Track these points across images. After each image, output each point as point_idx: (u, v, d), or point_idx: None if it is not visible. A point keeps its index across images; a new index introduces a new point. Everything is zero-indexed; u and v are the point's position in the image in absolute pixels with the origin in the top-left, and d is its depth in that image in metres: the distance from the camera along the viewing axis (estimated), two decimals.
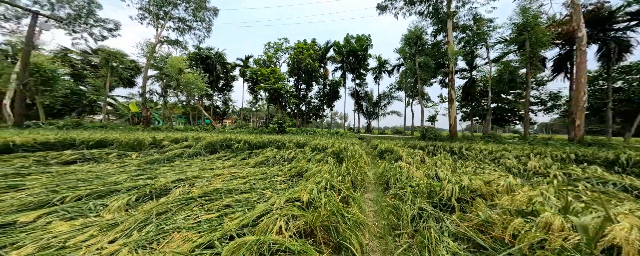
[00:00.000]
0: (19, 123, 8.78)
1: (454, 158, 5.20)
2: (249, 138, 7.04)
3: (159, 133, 6.87)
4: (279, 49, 20.96)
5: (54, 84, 12.34)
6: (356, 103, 26.06)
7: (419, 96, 16.19)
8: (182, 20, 15.53)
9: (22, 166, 2.38)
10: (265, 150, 6.04)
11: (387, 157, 5.39)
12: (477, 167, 3.88)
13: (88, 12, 14.51)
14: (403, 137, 14.59)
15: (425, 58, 14.14)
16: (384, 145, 6.92)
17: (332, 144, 6.51)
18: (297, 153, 5.60)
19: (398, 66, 24.39)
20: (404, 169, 3.44)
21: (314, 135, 11.83)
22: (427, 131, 9.97)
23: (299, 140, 7.41)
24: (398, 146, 7.01)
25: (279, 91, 14.56)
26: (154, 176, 2.51)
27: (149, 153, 4.49)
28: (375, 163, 5.29)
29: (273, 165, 4.39)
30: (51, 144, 3.57)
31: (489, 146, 5.94)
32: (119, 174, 2.45)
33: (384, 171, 3.48)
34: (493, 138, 8.68)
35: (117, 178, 2.23)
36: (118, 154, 3.80)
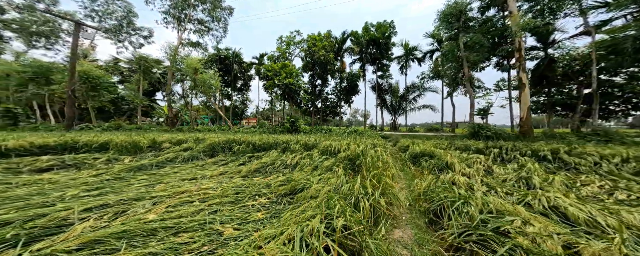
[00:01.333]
0: (69, 126, 10.55)
1: (545, 167, 3.46)
2: (254, 139, 6.53)
3: (162, 135, 6.99)
4: (290, 43, 20.53)
5: (100, 90, 14.61)
6: (378, 97, 23.77)
7: (466, 83, 13.33)
8: (201, 22, 16.66)
9: None
10: (269, 153, 5.39)
11: (424, 163, 4.06)
12: (613, 187, 2.30)
13: (128, 22, 16.82)
14: (442, 135, 12.14)
15: (474, 36, 11.41)
16: (419, 147, 5.40)
17: (346, 146, 5.42)
18: (303, 157, 4.76)
19: (431, 52, 21.12)
20: (460, 184, 2.23)
21: (329, 135, 10.93)
22: (481, 128, 7.80)
23: (308, 141, 6.57)
24: (440, 148, 5.46)
25: (291, 87, 14.08)
26: (109, 191, 2.00)
27: (145, 157, 4.32)
28: (407, 172, 4.03)
29: (270, 173, 3.66)
30: (51, 148, 3.64)
31: (614, 150, 3.73)
32: (70, 188, 1.99)
33: (427, 189, 2.34)
34: (606, 136, 6.00)
35: (47, 197, 1.74)
36: (108, 159, 3.61)
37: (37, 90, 14.75)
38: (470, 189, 2.20)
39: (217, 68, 18.55)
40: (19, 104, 14.18)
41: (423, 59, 22.34)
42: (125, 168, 3.24)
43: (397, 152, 6.50)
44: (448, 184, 2.30)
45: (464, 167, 3.08)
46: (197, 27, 16.21)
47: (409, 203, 2.37)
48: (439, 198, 1.94)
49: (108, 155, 3.79)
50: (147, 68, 17.98)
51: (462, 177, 2.45)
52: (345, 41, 22.02)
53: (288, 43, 20.51)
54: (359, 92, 21.37)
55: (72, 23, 14.75)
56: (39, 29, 17.59)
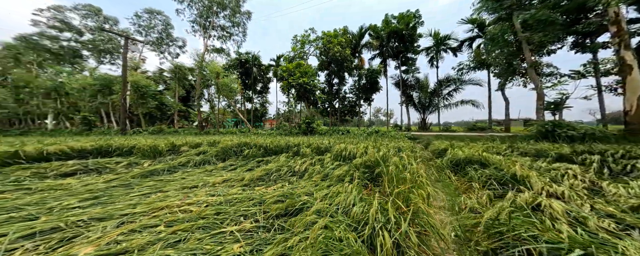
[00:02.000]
0: (122, 130, 12.65)
1: None
2: (266, 142, 6.43)
3: (186, 138, 7.51)
4: (305, 42, 20.47)
5: (147, 98, 17.24)
6: (403, 94, 21.69)
7: (528, 71, 10.65)
8: (223, 28, 18.16)
9: (16, 179, 2.49)
10: (279, 157, 5.16)
11: (472, 174, 3.04)
12: None
13: (167, 34, 19.54)
14: (493, 135, 9.84)
15: (538, 12, 8.99)
16: (462, 151, 4.23)
17: (363, 150, 4.77)
18: (313, 162, 4.35)
19: (470, 40, 18.15)
20: (555, 212, 1.34)
21: (346, 136, 10.29)
22: (558, 126, 5.89)
23: (320, 144, 6.14)
24: (495, 153, 4.16)
25: (306, 87, 13.92)
26: (102, 201, 1.98)
27: (163, 160, 4.60)
28: (447, 185, 3.09)
29: (274, 182, 3.37)
30: (88, 152, 4.14)
31: None
32: (72, 197, 2.03)
33: (496, 221, 1.53)
34: None
35: (41, 207, 1.76)
36: (129, 163, 3.89)
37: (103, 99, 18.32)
38: (576, 222, 1.36)
39: (239, 72, 19.86)
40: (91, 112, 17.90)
41: (459, 48, 19.41)
42: (139, 173, 3.38)
43: (429, 157, 5.49)
44: (526, 209, 1.51)
45: (548, 182, 2.14)
46: (220, 34, 17.77)
47: (455, 233, 1.64)
48: (515, 232, 1.23)
49: (130, 159, 4.09)
50: (182, 76, 20.48)
51: (553, 201, 1.61)
52: (363, 36, 20.86)
53: (302, 42, 20.51)
54: (379, 90, 19.93)
55: (131, 40, 17.86)
56: (105, 46, 21.97)
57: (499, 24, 11.14)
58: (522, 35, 10.15)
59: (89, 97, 18.04)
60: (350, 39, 19.50)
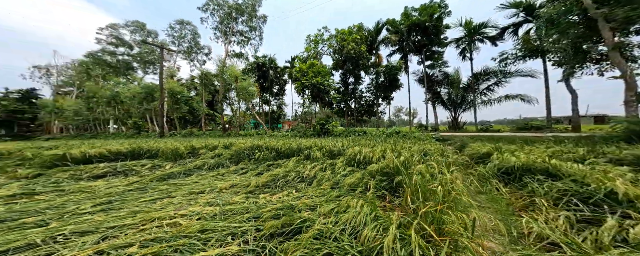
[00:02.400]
0: (161, 134, 14.38)
1: None
2: (278, 145, 6.39)
3: (207, 140, 7.96)
4: (318, 41, 20.21)
5: (180, 103, 19.39)
6: (429, 91, 19.61)
7: (610, 55, 8.23)
8: (241, 33, 19.35)
9: (56, 181, 2.83)
10: (289, 161, 5.02)
11: (535, 187, 2.26)
12: None
13: (195, 43, 21.77)
14: (555, 136, 7.73)
15: None
16: (514, 156, 3.19)
17: (381, 154, 4.29)
18: (324, 167, 4.07)
19: (515, 26, 15.28)
20: None
21: (362, 137, 9.69)
22: None
23: (333, 146, 5.81)
24: (566, 159, 3.02)
25: (319, 87, 13.66)
26: (111, 207, 2.06)
27: (183, 163, 4.90)
28: (496, 200, 2.39)
29: (281, 188, 3.19)
30: (123, 154, 4.66)
31: None
32: (89, 201, 2.16)
33: None
34: None
35: (60, 211, 1.87)
36: (153, 165, 4.19)
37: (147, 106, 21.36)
38: None
39: (256, 75, 20.84)
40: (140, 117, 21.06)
41: (500, 36, 16.54)
42: (157, 176, 3.58)
43: (466, 163, 4.64)
44: None
45: None
46: (239, 39, 19.02)
47: None
48: None
49: (154, 162, 4.41)
50: (208, 81, 22.51)
51: None
52: (379, 32, 19.58)
53: (315, 41, 20.29)
54: (400, 88, 18.41)
55: (167, 50, 20.49)
56: (149, 58, 25.73)
57: (558, 2, 8.97)
58: (596, 11, 7.93)
59: (137, 104, 21.37)
60: (366, 36, 18.50)
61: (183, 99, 19.84)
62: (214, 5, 18.15)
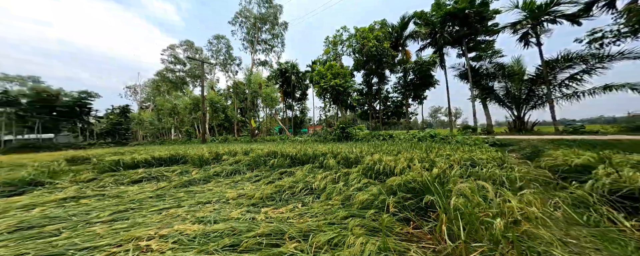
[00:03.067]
0: (203, 140, 16.71)
1: None
2: (294, 151, 6.28)
3: (229, 145, 8.55)
4: (337, 42, 19.76)
5: (218, 111, 22.32)
6: (476, 86, 16.27)
7: None
8: (265, 41, 21.06)
9: (103, 185, 3.37)
10: (302, 169, 4.79)
11: None
12: None
13: (229, 55, 24.92)
14: None
15: None
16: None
17: (405, 164, 3.56)
18: (337, 177, 3.65)
19: None
20: None
21: (387, 142, 8.59)
22: None
23: (351, 153, 5.29)
24: None
25: (338, 89, 13.12)
26: (123, 216, 2.23)
27: (208, 168, 5.31)
28: (611, 240, 1.40)
29: (286, 201, 2.94)
30: (163, 160, 5.40)
31: None
32: (106, 210, 2.41)
33: None
34: None
35: (84, 218, 2.09)
36: (181, 171, 4.65)
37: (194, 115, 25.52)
38: None
39: (280, 81, 22.05)
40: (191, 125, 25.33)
41: (586, 11, 12.13)
42: (181, 182, 3.89)
43: (546, 179, 3.36)
44: None
45: None
46: (264, 47, 20.77)
47: None
48: None
49: (182, 167, 4.90)
50: (240, 90, 25.23)
51: None
52: (405, 26, 17.69)
53: (334, 42, 19.89)
54: (434, 85, 15.96)
55: (207, 64, 24.26)
56: (197, 73, 31.05)
57: None
58: None
59: (187, 114, 25.96)
60: (391, 33, 16.92)
61: (220, 108, 22.74)
62: (242, 18, 20.57)
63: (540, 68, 13.77)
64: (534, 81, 14.30)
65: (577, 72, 12.45)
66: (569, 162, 3.60)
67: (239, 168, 5.37)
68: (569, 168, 3.57)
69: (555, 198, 2.22)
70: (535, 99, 14.40)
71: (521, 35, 14.47)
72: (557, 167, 3.80)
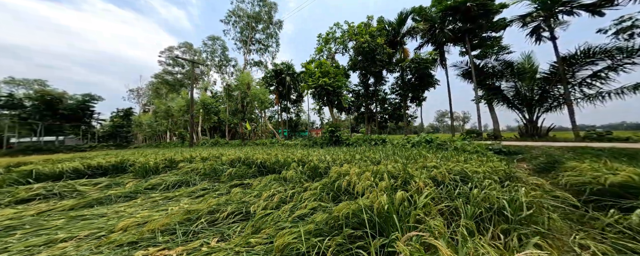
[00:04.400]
0: (191, 143, 16.25)
1: None
2: (263, 158, 5.58)
3: (203, 150, 7.87)
4: (329, 39, 18.94)
5: (211, 114, 21.97)
6: (481, 86, 15.05)
7: None
8: (260, 41, 20.69)
9: None
10: (265, 178, 4.09)
11: None
12: None
13: (225, 57, 24.72)
14: None
15: None
16: None
17: (374, 179, 2.76)
18: (289, 195, 2.80)
19: None
20: None
21: (378, 148, 7.69)
22: None
23: (322, 162, 4.52)
24: None
25: (327, 88, 12.23)
26: None
27: (153, 177, 4.59)
28: None
29: (195, 235, 2.16)
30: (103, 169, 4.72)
31: None
32: None
33: None
34: None
35: None
36: (109, 184, 3.93)
37: (187, 117, 25.30)
38: None
39: (275, 83, 21.50)
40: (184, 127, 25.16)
41: (609, 0, 10.70)
42: (88, 201, 3.14)
43: (570, 204, 2.36)
44: None
45: None
46: (258, 47, 20.38)
47: None
48: None
49: (113, 180, 4.17)
50: (231, 91, 24.88)
51: None
52: (403, 23, 16.78)
53: (326, 39, 19.01)
54: (434, 85, 14.85)
55: (198, 64, 24.13)
56: (196, 74, 31.20)
57: None
58: None
59: (181, 116, 25.95)
60: (388, 30, 16.01)
61: (213, 110, 22.41)
62: (235, 17, 20.42)
63: (555, 65, 12.40)
64: (548, 79, 12.90)
65: (601, 69, 10.95)
66: (601, 179, 2.63)
67: (188, 179, 4.60)
68: (601, 188, 2.60)
69: (586, 240, 1.33)
70: (550, 100, 12.95)
71: (532, 30, 13.19)
72: (582, 185, 2.82)
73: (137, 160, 5.37)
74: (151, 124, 29.77)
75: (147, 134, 33.24)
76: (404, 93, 15.95)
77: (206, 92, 26.02)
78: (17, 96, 28.19)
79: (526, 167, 5.35)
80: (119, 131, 38.69)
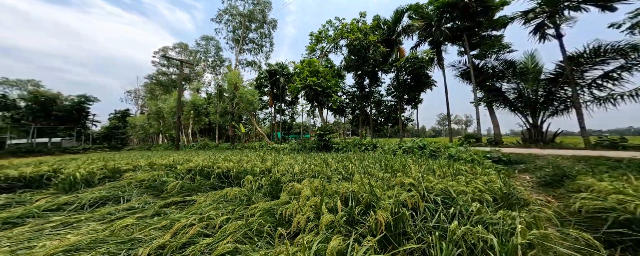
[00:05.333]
0: (177, 146, 15.56)
1: None
2: (228, 166, 4.92)
3: (165, 156, 7.16)
4: (320, 38, 18.19)
5: (201, 115, 21.35)
6: (480, 88, 14.20)
7: None
8: (253, 41, 20.13)
9: None
10: (210, 195, 3.41)
11: None
12: None
13: (218, 57, 24.16)
14: None
15: None
16: None
17: (322, 207, 1.91)
18: (217, 224, 2.17)
19: None
20: None
21: (367, 154, 6.96)
22: None
23: (289, 171, 3.82)
24: None
25: (315, 88, 11.43)
26: None
27: (82, 191, 3.87)
28: None
29: None
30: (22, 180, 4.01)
31: None
32: None
33: None
34: None
35: None
36: (5, 203, 3.18)
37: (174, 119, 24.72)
38: None
39: (268, 84, 20.92)
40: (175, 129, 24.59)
41: None
42: None
43: (588, 245, 1.50)
44: None
45: None
46: (251, 47, 19.83)
47: None
48: None
49: (21, 197, 3.43)
50: (221, 92, 24.28)
51: None
52: (399, 20, 16.10)
53: (317, 37, 18.23)
54: (431, 86, 14.05)
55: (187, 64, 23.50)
56: (191, 75, 30.82)
57: None
58: None
59: (171, 117, 25.44)
60: (381, 27, 15.30)
61: (204, 111, 21.83)
62: (228, 15, 19.99)
63: (561, 64, 11.49)
64: (554, 80, 11.97)
65: (613, 69, 9.98)
66: (630, 206, 1.89)
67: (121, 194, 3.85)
68: (630, 218, 1.81)
69: None
70: (557, 103, 11.98)
71: (535, 27, 12.33)
72: (602, 211, 2.04)
73: (65, 170, 4.64)
74: (144, 125, 29.35)
75: (140, 136, 32.80)
76: (399, 94, 15.13)
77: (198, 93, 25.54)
78: (11, 97, 28.06)
79: (529, 179, 4.55)
80: (115, 133, 38.37)
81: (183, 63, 18.47)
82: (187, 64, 21.64)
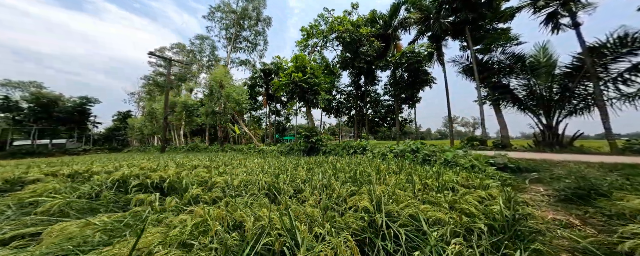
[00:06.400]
0: (162, 149, 14.95)
1: None
2: (168, 174, 3.99)
3: (137, 159, 6.40)
4: (311, 33, 17.03)
5: (193, 117, 20.82)
6: (485, 85, 12.89)
7: None
8: (246, 39, 19.46)
9: None
10: None
11: None
12: None
13: (214, 56, 23.56)
14: None
15: None
16: None
17: None
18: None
19: None
20: None
21: (358, 156, 6.01)
22: None
23: (227, 184, 2.84)
24: None
25: (301, 85, 10.36)
26: None
27: None
28: None
29: None
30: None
31: None
32: None
33: None
34: None
35: None
36: None
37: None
38: None
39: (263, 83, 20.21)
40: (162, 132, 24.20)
41: None
42: None
43: None
44: None
45: None
46: (245, 45, 19.22)
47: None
48: None
49: None
50: (211, 92, 23.66)
51: None
52: (396, 13, 15.02)
53: (308, 32, 17.07)
54: (430, 84, 12.82)
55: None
56: (187, 76, 30.59)
57: None
58: None
59: (162, 118, 25.15)
60: (379, 23, 14.28)
61: (195, 112, 21.30)
62: (221, 13, 19.51)
63: (580, 57, 10.06)
64: (571, 74, 10.51)
65: None
66: None
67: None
68: None
69: None
70: (575, 100, 10.50)
71: (547, 16, 10.96)
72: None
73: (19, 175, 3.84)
74: (140, 127, 29.28)
75: (137, 137, 32.81)
76: (396, 93, 13.91)
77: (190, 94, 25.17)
78: (13, 99, 28.64)
79: (544, 192, 3.40)
80: (115, 134, 38.70)
81: (172, 62, 18.02)
82: (177, 62, 21.33)
